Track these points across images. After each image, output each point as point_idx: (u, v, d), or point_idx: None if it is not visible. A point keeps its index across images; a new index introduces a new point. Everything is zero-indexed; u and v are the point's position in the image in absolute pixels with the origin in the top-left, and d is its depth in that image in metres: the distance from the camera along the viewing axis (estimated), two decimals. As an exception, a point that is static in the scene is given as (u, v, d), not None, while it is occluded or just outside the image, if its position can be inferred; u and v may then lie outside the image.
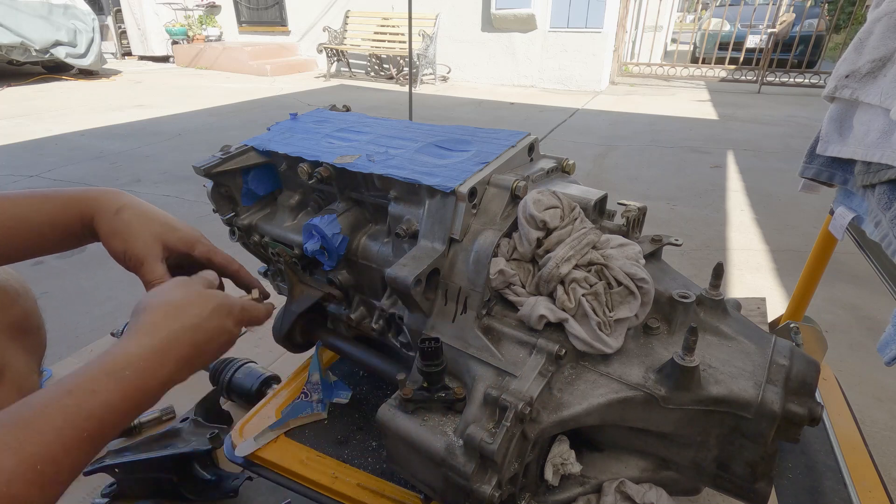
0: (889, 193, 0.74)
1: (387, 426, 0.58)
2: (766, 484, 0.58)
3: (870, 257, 0.96)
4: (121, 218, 0.60)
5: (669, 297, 0.61)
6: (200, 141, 4.21)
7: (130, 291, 2.00)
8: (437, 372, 0.57)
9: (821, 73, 6.73)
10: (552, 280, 0.57)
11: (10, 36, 6.31)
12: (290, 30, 8.78)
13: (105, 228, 0.59)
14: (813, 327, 1.14)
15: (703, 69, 7.32)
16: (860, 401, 1.42)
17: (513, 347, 0.59)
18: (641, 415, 0.57)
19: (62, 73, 7.35)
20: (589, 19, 6.68)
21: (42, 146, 3.97)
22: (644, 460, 0.64)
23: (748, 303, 1.08)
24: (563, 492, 0.61)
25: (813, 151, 0.95)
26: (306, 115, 0.96)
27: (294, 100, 5.85)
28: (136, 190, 3.09)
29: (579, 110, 5.69)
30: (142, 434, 1.10)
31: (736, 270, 2.21)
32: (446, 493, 0.57)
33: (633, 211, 0.68)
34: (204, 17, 9.15)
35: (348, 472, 0.76)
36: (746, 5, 8.00)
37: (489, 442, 0.50)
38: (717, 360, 0.58)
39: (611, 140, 4.37)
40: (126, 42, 9.74)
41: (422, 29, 6.92)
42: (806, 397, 0.55)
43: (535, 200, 0.60)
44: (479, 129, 0.81)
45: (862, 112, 0.81)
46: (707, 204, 2.97)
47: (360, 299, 0.86)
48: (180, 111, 5.29)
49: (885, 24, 0.75)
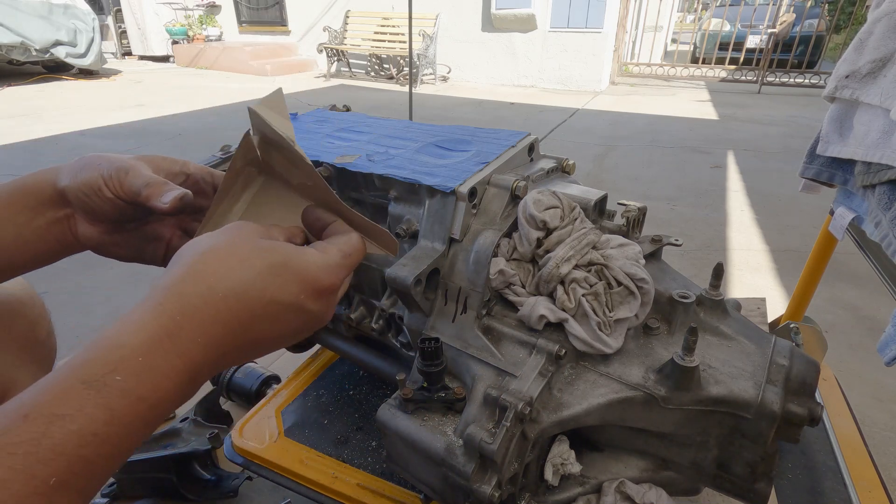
0: (889, 194, 0.74)
1: (386, 426, 0.58)
2: (765, 484, 0.58)
3: (870, 257, 0.96)
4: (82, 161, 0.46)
5: (669, 297, 0.61)
6: (201, 141, 4.21)
7: (131, 291, 2.00)
8: (437, 372, 0.56)
9: (821, 73, 6.73)
10: (552, 280, 0.57)
11: (11, 35, 6.31)
12: (291, 30, 8.78)
13: (74, 185, 0.44)
14: (813, 327, 1.14)
15: (704, 69, 7.32)
16: (860, 401, 1.42)
17: (513, 347, 0.59)
18: (641, 415, 0.57)
19: (62, 72, 7.36)
20: (589, 19, 6.68)
21: (42, 146, 3.97)
22: (644, 460, 0.64)
23: (748, 303, 1.09)
24: (562, 492, 0.61)
25: (813, 152, 0.95)
26: (306, 115, 0.96)
27: (294, 100, 5.85)
28: (136, 190, 3.09)
29: (579, 110, 5.69)
30: (142, 434, 1.10)
31: (736, 270, 2.21)
32: (446, 493, 0.57)
33: (633, 211, 0.68)
34: (204, 17, 9.15)
35: (348, 472, 0.76)
36: (746, 5, 8.01)
37: (489, 442, 0.50)
38: (717, 361, 0.58)
39: (611, 140, 4.37)
40: (126, 42, 9.74)
41: (422, 29, 6.92)
42: (806, 397, 0.55)
43: (535, 200, 0.60)
44: (480, 129, 0.81)
45: (862, 112, 0.81)
46: (707, 204, 2.97)
47: (360, 299, 0.86)
48: (180, 111, 5.29)
49: (886, 25, 0.75)
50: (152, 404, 0.29)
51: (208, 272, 0.33)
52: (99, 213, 0.44)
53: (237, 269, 0.34)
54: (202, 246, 0.35)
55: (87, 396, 0.27)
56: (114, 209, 0.44)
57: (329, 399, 0.91)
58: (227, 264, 0.34)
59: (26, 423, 0.25)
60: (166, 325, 0.31)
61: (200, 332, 0.32)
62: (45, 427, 0.25)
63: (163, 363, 0.30)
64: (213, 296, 0.32)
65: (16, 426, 0.25)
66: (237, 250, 0.35)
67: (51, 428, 0.25)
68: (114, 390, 0.28)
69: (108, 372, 0.28)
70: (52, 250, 0.45)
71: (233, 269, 0.34)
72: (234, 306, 0.33)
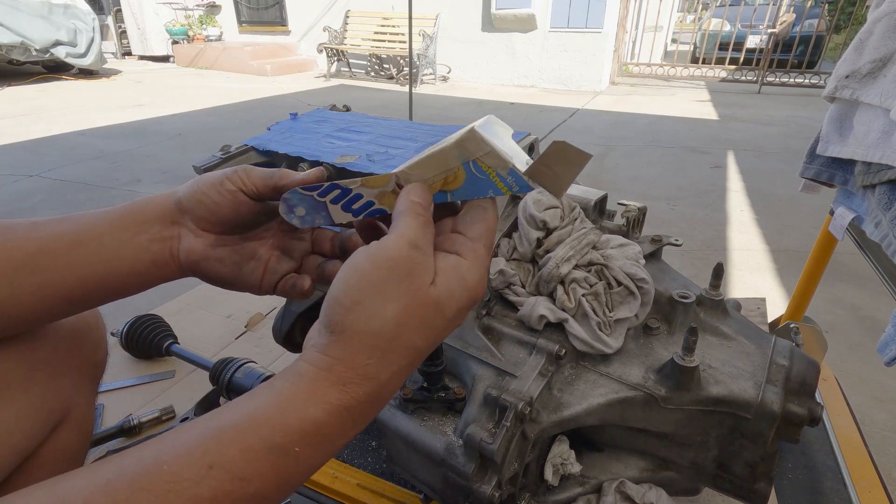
0: (889, 194, 0.74)
1: (387, 426, 0.58)
2: (765, 484, 0.58)
3: (870, 257, 0.96)
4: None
5: (669, 298, 0.61)
6: (201, 141, 4.21)
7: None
8: (437, 372, 0.57)
9: (821, 73, 6.73)
10: (552, 280, 0.57)
11: (11, 35, 6.31)
12: (291, 30, 8.78)
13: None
14: (813, 327, 1.14)
15: (704, 69, 7.32)
16: (860, 401, 1.42)
17: (513, 347, 0.59)
18: (641, 415, 0.57)
19: (62, 72, 7.36)
20: (589, 19, 6.68)
21: (42, 146, 3.97)
22: (644, 460, 0.64)
23: (748, 303, 1.09)
24: (562, 492, 0.61)
25: (813, 152, 0.95)
26: (306, 115, 0.96)
27: (294, 100, 5.85)
28: (136, 190, 3.09)
29: (579, 110, 5.69)
30: (142, 434, 1.10)
31: (736, 270, 2.21)
32: (446, 493, 0.57)
33: (633, 211, 0.68)
34: (204, 17, 9.15)
35: (348, 472, 0.76)
36: (746, 5, 8.01)
37: (489, 442, 0.50)
38: (717, 361, 0.58)
39: (611, 140, 4.37)
40: (126, 42, 9.74)
41: (422, 29, 6.93)
42: (806, 397, 0.55)
43: (535, 200, 0.60)
44: (480, 129, 0.80)
45: (862, 112, 0.81)
46: (707, 204, 2.97)
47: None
48: (180, 111, 5.29)
49: (886, 25, 0.75)
50: (315, 469, 0.32)
51: (392, 350, 0.32)
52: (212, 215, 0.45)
53: (419, 342, 0.33)
54: (381, 308, 0.32)
55: (268, 464, 0.29)
56: (231, 206, 0.45)
57: (329, 399, 0.91)
58: (410, 338, 0.33)
59: (210, 475, 0.27)
60: (347, 403, 0.31)
61: (376, 405, 0.33)
62: (229, 486, 0.27)
63: (336, 436, 0.31)
64: (397, 372, 0.32)
65: (201, 477, 0.27)
66: (421, 317, 0.33)
67: (234, 488, 0.28)
68: (291, 461, 0.30)
69: (291, 442, 0.29)
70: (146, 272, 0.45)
71: (415, 343, 0.33)
72: (407, 369, 0.33)
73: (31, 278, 0.41)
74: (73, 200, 2.91)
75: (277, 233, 0.49)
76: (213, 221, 0.46)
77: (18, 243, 0.41)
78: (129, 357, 1.29)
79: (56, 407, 0.50)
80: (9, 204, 2.85)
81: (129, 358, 1.29)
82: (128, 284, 0.45)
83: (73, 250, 0.42)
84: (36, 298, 0.42)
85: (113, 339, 1.44)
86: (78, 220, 0.44)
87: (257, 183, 0.44)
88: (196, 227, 0.46)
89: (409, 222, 0.34)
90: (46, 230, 0.43)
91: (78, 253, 0.43)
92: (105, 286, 0.44)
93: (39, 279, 0.41)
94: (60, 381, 0.51)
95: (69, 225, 0.43)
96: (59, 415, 0.51)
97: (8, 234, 0.42)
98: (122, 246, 0.44)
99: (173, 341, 1.27)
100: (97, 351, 0.57)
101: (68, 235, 0.43)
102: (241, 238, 0.48)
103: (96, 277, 0.43)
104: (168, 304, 1.57)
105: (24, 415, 0.47)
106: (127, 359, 1.29)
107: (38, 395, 0.48)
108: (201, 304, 1.57)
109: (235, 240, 0.48)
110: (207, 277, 0.48)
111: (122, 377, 1.23)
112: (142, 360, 1.28)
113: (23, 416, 0.47)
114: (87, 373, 0.55)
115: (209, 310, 1.54)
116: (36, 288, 0.42)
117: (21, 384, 0.47)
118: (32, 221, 0.43)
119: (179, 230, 0.46)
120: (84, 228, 0.43)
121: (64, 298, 0.43)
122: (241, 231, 0.48)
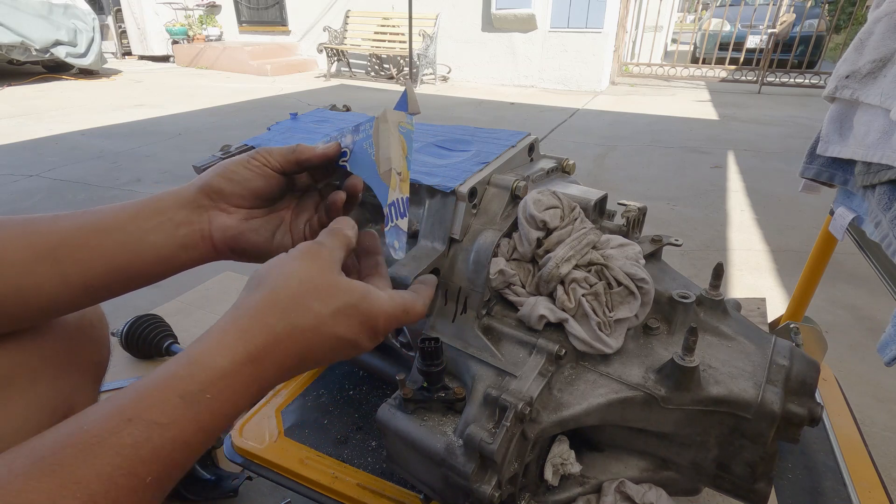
0: (889, 194, 0.74)
1: (386, 426, 0.58)
2: (765, 484, 0.58)
3: (870, 257, 0.96)
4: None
5: (669, 298, 0.61)
6: (201, 140, 4.21)
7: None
8: (436, 372, 0.56)
9: (821, 73, 6.72)
10: (552, 280, 0.57)
11: (11, 35, 6.31)
12: (291, 30, 8.78)
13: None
14: (813, 327, 1.14)
15: (704, 69, 7.32)
16: (860, 401, 1.42)
17: (513, 347, 0.59)
18: (641, 415, 0.57)
19: (62, 72, 7.36)
20: (589, 19, 6.68)
21: (42, 146, 3.97)
22: (644, 460, 0.64)
23: (748, 303, 1.08)
24: (562, 492, 0.61)
25: (813, 152, 0.95)
26: (306, 115, 0.96)
27: (294, 100, 5.85)
28: (136, 189, 3.09)
29: (579, 110, 5.69)
30: (142, 434, 1.10)
31: (736, 270, 2.21)
32: (446, 493, 0.57)
33: (633, 211, 0.68)
34: (204, 17, 9.15)
35: (348, 472, 0.76)
36: (746, 5, 8.02)
37: (489, 442, 0.50)
38: (716, 361, 0.58)
39: (611, 140, 4.37)
40: (126, 42, 9.74)
41: (422, 29, 6.93)
42: (806, 397, 0.55)
43: (535, 200, 0.60)
44: (480, 129, 0.81)
45: (862, 112, 0.81)
46: (707, 204, 2.97)
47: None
48: (180, 111, 5.29)
49: (886, 25, 0.75)
50: (230, 418, 0.35)
51: (291, 308, 0.37)
52: (244, 190, 0.49)
53: (317, 307, 0.38)
54: (286, 274, 0.39)
55: (182, 410, 0.32)
56: (261, 178, 0.49)
57: (329, 399, 0.91)
58: (308, 301, 0.38)
59: (130, 426, 0.30)
60: (251, 352, 0.35)
61: (278, 362, 0.37)
62: (147, 432, 0.30)
63: (243, 386, 0.35)
64: (294, 331, 0.37)
65: (121, 429, 0.29)
66: (319, 287, 0.39)
67: (151, 434, 0.30)
68: (203, 406, 0.32)
69: (200, 390, 0.33)
70: (173, 257, 0.47)
71: (312, 307, 0.38)
72: (310, 339, 0.38)
73: (53, 268, 0.42)
74: (73, 200, 2.91)
75: (293, 199, 0.54)
76: (245, 196, 0.49)
77: (41, 234, 0.42)
78: (129, 357, 1.29)
79: (59, 405, 0.50)
80: (9, 204, 2.85)
81: (129, 358, 1.29)
82: (153, 271, 0.47)
83: (96, 239, 0.44)
84: (58, 288, 0.43)
85: (113, 339, 1.44)
86: (98, 212, 0.45)
87: (279, 159, 0.49)
88: (228, 206, 0.49)
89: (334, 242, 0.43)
90: (68, 221, 0.44)
91: (101, 241, 0.44)
92: (129, 273, 0.46)
93: (62, 269, 0.42)
94: (64, 379, 0.51)
95: (91, 216, 0.45)
96: (62, 413, 0.51)
97: (30, 225, 0.43)
98: (146, 234, 0.45)
99: (173, 341, 1.27)
100: (100, 350, 0.57)
101: (90, 225, 0.44)
102: (267, 210, 0.52)
103: (120, 265, 0.45)
104: (168, 304, 1.57)
105: (31, 410, 0.47)
106: (127, 359, 1.29)
107: (44, 393, 0.48)
108: (201, 304, 1.57)
109: (264, 212, 0.51)
110: (244, 251, 0.51)
111: (123, 377, 1.23)
112: (142, 360, 1.28)
113: (30, 412, 0.47)
114: (90, 372, 0.55)
115: (209, 310, 1.54)
116: (58, 277, 0.42)
117: (28, 380, 0.47)
118: (54, 214, 0.44)
119: (209, 213, 0.48)
120: (106, 219, 0.45)
121: (86, 287, 0.44)
122: (270, 203, 0.52)
